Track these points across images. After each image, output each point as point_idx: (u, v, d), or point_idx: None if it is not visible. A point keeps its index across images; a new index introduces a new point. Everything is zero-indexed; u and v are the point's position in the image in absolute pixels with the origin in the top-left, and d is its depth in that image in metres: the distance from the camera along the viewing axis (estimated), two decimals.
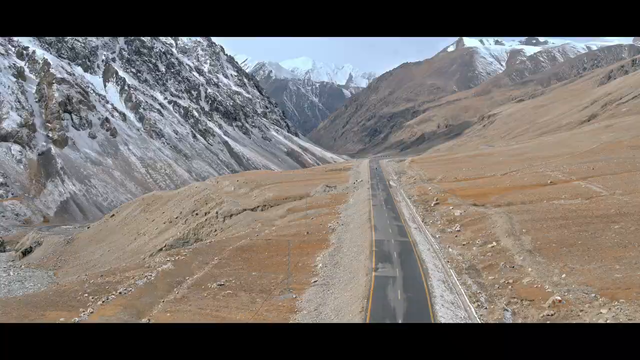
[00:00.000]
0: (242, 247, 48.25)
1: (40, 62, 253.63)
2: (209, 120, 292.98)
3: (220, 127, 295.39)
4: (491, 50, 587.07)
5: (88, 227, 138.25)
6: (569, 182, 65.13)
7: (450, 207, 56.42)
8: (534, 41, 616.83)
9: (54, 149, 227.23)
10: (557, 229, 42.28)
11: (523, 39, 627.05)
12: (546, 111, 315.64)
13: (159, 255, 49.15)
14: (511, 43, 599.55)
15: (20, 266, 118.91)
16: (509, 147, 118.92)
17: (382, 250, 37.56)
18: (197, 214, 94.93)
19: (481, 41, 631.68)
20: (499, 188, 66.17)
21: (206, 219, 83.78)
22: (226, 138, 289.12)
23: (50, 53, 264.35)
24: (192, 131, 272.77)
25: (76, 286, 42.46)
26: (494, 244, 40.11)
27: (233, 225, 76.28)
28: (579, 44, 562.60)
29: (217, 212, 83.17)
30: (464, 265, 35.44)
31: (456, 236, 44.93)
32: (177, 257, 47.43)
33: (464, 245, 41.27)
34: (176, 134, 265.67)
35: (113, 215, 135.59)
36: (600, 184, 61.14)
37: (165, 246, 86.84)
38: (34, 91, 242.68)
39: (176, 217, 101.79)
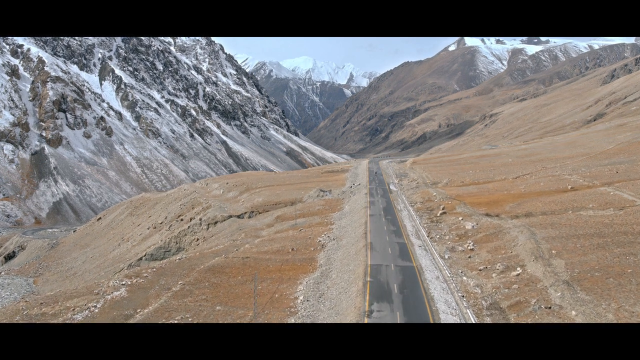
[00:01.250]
0: (214, 267, 39.93)
1: (35, 60, 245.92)
2: (207, 120, 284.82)
3: (218, 126, 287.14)
4: (492, 49, 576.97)
5: (74, 231, 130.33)
6: (593, 188, 56.62)
7: (460, 218, 47.96)
8: (536, 40, 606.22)
9: (47, 149, 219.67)
10: (595, 250, 33.85)
11: (524, 38, 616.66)
12: (549, 110, 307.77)
13: (116, 277, 40.87)
14: (512, 42, 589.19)
15: (0, 272, 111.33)
16: (517, 148, 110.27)
17: (378, 281, 29.16)
18: (182, 220, 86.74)
19: (482, 40, 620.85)
20: (513, 194, 57.66)
21: (189, 226, 75.53)
22: (224, 137, 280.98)
23: (45, 51, 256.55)
24: (189, 130, 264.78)
25: (5, 317, 34.38)
26: (519, 270, 31.67)
27: (216, 235, 68.03)
28: (581, 43, 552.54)
29: (200, 219, 74.91)
30: (484, 303, 27.05)
31: (469, 257, 36.52)
32: (134, 280, 39.16)
33: (480, 271, 32.85)
34: (173, 134, 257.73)
35: (100, 218, 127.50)
36: (630, 190, 52.60)
37: (145, 255, 78.78)
38: (28, 89, 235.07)
39: (161, 223, 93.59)
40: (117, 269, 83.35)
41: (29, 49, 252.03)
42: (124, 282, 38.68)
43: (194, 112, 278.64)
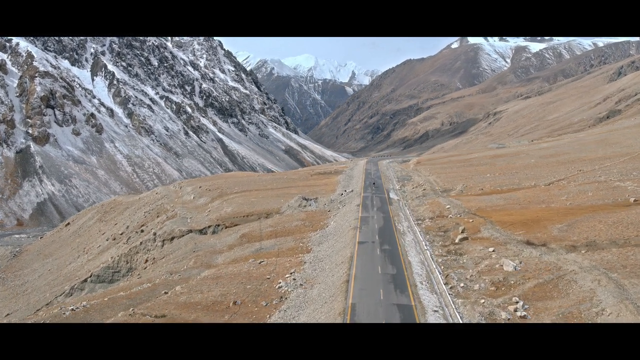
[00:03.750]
0: None
1: (24, 54, 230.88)
2: (203, 117, 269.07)
3: (214, 123, 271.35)
4: (495, 47, 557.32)
5: (41, 237, 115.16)
6: None
7: (490, 249, 31.78)
8: (539, 38, 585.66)
9: (33, 146, 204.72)
10: None
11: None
12: (555, 108, 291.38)
13: None
14: (516, 40, 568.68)
15: None
16: (538, 146, 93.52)
17: None
18: (142, 231, 70.89)
19: (485, 38, 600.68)
20: (557, 210, 41.33)
21: (141, 242, 59.70)
22: (220, 135, 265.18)
23: (36, 46, 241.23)
24: (184, 128, 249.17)
25: None
26: None
27: (168, 255, 52.19)
28: (585, 41, 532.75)
29: (155, 234, 59.03)
30: None
31: None
32: None
33: None
34: (167, 131, 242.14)
35: (68, 224, 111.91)
36: None
37: (91, 276, 63.08)
38: (15, 85, 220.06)
39: (121, 234, 77.79)
40: (60, 290, 67.82)
41: (17, 43, 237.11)
42: None
43: (189, 109, 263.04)
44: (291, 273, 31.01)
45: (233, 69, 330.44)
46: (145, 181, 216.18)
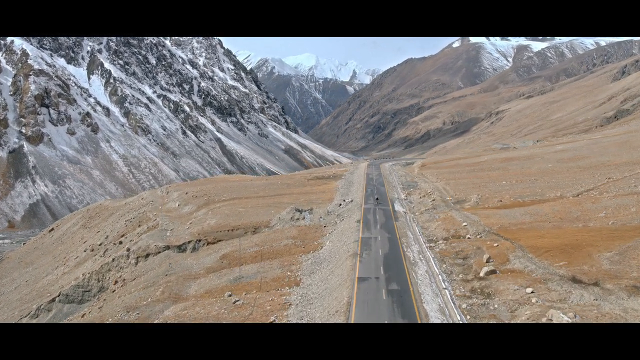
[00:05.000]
0: None
1: (18, 52, 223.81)
2: (201, 116, 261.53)
3: (213, 122, 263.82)
4: (497, 46, 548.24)
5: (24, 244, 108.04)
6: None
7: (528, 291, 24.30)
8: (541, 37, 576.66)
9: (26, 146, 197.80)
10: None
11: None
12: (558, 107, 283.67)
13: None
14: (517, 38, 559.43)
15: None
16: (553, 149, 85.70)
17: None
18: (121, 243, 63.55)
19: (487, 37, 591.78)
20: (599, 231, 33.73)
21: (114, 259, 52.33)
22: (219, 134, 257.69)
23: (31, 43, 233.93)
24: (182, 127, 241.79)
25: None
26: None
27: (139, 277, 44.79)
28: (588, 40, 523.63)
29: (128, 249, 51.65)
30: None
31: None
32: None
33: None
34: (164, 130, 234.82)
35: (52, 229, 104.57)
36: None
37: (59, 295, 55.72)
38: (9, 84, 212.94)
39: (100, 244, 70.34)
40: (28, 310, 60.53)
41: (12, 41, 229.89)
42: None
43: (187, 108, 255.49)
44: (272, 320, 23.51)
45: (232, 67, 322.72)
46: (141, 182, 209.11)
